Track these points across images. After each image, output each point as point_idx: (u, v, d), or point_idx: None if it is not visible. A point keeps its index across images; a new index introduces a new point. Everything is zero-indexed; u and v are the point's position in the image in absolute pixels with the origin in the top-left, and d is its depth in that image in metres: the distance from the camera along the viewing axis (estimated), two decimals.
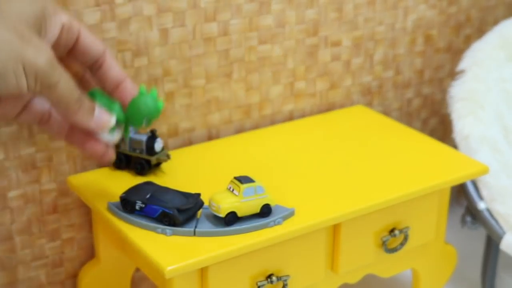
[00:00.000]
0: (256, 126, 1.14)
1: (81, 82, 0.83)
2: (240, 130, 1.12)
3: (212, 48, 1.05)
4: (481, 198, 1.12)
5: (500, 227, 1.10)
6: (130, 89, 0.82)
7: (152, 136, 0.96)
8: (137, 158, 0.96)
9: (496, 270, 1.18)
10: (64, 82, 0.72)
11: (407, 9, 1.23)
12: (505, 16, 1.37)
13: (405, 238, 0.98)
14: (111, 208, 0.87)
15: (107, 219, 0.87)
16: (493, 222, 1.11)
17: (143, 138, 0.95)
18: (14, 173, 0.95)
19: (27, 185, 0.97)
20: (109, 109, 0.80)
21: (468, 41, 1.33)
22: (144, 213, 0.85)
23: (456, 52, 1.33)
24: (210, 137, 1.10)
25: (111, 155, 0.82)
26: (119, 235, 0.87)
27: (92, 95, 0.80)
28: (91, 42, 0.79)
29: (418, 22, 1.26)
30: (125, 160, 0.97)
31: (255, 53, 1.09)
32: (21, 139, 0.94)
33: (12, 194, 0.96)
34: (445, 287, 1.20)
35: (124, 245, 0.92)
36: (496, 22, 1.34)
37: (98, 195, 0.91)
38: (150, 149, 0.95)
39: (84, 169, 1.00)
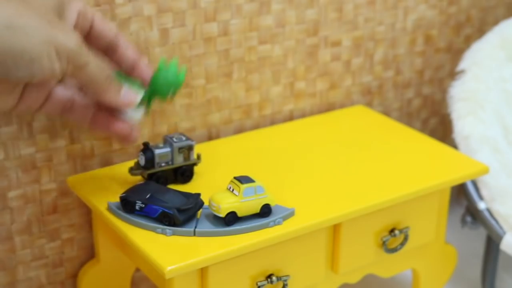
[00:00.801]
0: (256, 126, 1.14)
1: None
2: (240, 130, 1.12)
3: (212, 48, 1.05)
4: (481, 198, 1.12)
5: (500, 227, 1.10)
6: (146, 67, 0.85)
7: (170, 143, 0.93)
8: (177, 169, 0.93)
9: (496, 270, 1.17)
10: (94, 62, 0.76)
11: (407, 9, 1.23)
12: (505, 16, 1.37)
13: (405, 238, 0.98)
14: (111, 208, 0.87)
15: (107, 219, 0.87)
16: (493, 222, 1.11)
17: (168, 149, 0.93)
18: (14, 173, 0.95)
19: (27, 185, 0.97)
20: (132, 87, 0.83)
21: (468, 41, 1.33)
22: (144, 213, 0.85)
23: (456, 52, 1.33)
24: (210, 137, 1.10)
25: (136, 136, 0.85)
26: (119, 235, 0.87)
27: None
28: (104, 27, 0.83)
29: (418, 22, 1.26)
30: (172, 175, 0.94)
31: (255, 53, 1.09)
32: (21, 139, 0.94)
33: (12, 194, 0.96)
34: (445, 287, 1.20)
35: (124, 245, 0.92)
36: (496, 22, 1.34)
37: (98, 195, 0.91)
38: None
39: (84, 169, 1.00)
